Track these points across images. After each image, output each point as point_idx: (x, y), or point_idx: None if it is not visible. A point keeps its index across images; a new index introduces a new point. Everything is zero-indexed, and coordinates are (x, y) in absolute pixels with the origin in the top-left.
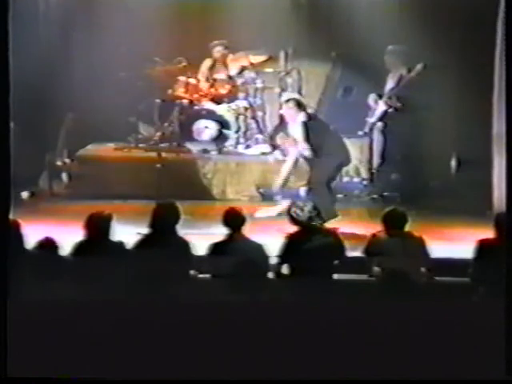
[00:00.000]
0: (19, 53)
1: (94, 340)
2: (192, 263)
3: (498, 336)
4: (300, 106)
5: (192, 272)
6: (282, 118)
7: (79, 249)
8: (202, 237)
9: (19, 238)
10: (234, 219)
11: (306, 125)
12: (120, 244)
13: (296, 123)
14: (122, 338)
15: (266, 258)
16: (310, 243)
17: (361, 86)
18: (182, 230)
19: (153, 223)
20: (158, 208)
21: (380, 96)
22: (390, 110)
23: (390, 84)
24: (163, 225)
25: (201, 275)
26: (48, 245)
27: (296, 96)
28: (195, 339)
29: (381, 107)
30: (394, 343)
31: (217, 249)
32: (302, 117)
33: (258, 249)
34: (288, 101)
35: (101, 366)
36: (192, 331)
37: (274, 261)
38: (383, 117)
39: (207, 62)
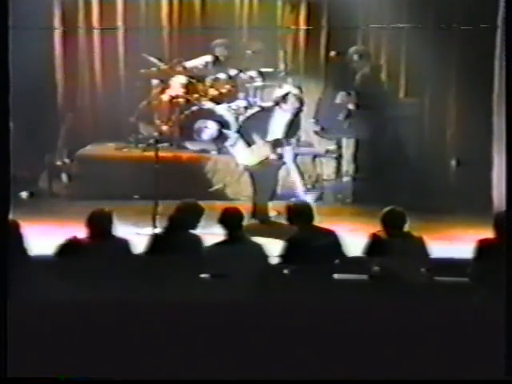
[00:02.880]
0: (19, 52)
1: (94, 340)
2: (198, 263)
3: (497, 336)
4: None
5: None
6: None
7: (83, 248)
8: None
9: (19, 238)
10: (231, 219)
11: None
12: (123, 243)
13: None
14: (122, 338)
15: (265, 257)
16: (310, 243)
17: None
18: None
19: (173, 221)
20: (181, 207)
21: (349, 94)
22: (351, 107)
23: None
24: (182, 223)
25: (201, 275)
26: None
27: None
28: (195, 339)
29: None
30: (393, 343)
31: (216, 249)
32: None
33: (258, 249)
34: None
35: (101, 366)
36: (192, 331)
37: (274, 261)
38: (348, 115)
39: (206, 58)
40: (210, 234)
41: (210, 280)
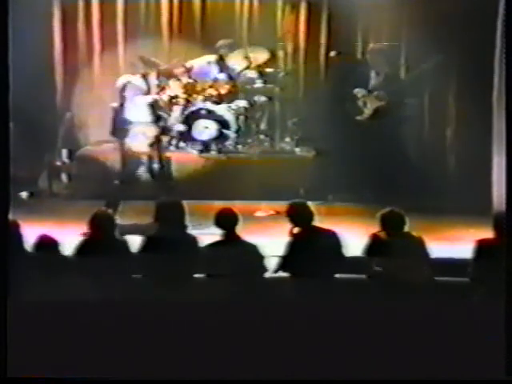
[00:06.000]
0: (19, 53)
1: (94, 340)
2: (194, 263)
3: (497, 336)
4: None
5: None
6: None
7: (82, 248)
8: (201, 237)
9: (19, 238)
10: (226, 219)
11: None
12: (123, 243)
13: None
14: (122, 338)
15: (260, 258)
16: (310, 243)
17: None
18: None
19: (159, 221)
20: (163, 206)
21: (369, 91)
22: (380, 106)
23: (373, 81)
24: (169, 223)
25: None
26: (47, 243)
27: None
28: (195, 339)
29: (372, 103)
30: (393, 343)
31: (211, 249)
32: None
33: (252, 249)
34: None
35: (101, 366)
36: (192, 331)
37: (274, 261)
38: (376, 113)
39: (209, 58)
40: None
41: (206, 280)
